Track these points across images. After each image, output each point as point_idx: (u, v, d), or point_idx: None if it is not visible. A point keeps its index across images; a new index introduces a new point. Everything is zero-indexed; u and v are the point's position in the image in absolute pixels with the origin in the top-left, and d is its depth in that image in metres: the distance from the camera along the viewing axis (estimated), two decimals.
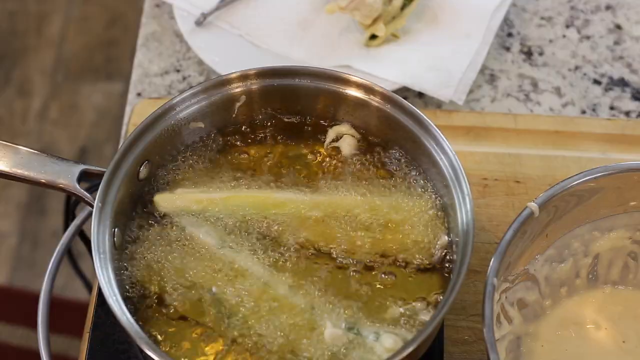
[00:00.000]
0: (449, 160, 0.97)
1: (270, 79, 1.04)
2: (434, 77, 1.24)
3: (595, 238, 1.01)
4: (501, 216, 1.12)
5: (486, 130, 1.19)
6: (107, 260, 0.93)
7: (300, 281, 0.95)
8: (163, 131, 1.01)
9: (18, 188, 2.30)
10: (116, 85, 2.47)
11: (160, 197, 1.01)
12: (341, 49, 1.30)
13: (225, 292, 0.95)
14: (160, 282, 0.96)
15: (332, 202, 1.00)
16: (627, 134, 1.19)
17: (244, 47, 1.30)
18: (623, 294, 1.04)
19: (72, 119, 2.43)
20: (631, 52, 1.32)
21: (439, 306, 0.89)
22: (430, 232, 0.98)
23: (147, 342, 0.88)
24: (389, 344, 0.91)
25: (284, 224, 0.99)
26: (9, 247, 2.24)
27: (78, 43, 2.55)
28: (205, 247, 0.98)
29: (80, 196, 0.97)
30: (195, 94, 1.02)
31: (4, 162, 0.98)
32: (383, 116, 1.02)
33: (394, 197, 1.00)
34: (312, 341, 0.92)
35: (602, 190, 0.98)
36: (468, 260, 0.90)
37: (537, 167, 1.16)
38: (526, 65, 1.31)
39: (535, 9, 1.36)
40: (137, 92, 1.31)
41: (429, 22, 1.31)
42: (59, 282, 1.29)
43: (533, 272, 1.00)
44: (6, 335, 2.09)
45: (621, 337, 1.01)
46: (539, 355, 0.99)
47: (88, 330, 1.04)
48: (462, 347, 1.04)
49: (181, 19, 1.32)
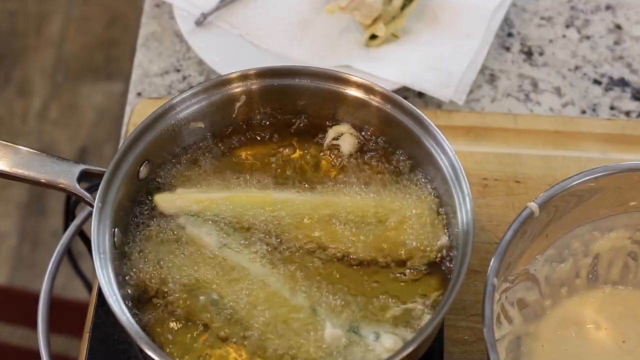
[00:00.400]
0: (449, 160, 0.97)
1: (270, 79, 1.04)
2: (434, 77, 1.24)
3: (595, 238, 1.01)
4: (501, 216, 1.12)
5: (486, 130, 1.19)
6: (107, 260, 0.93)
7: (300, 281, 0.95)
8: (163, 131, 1.01)
9: (18, 188, 2.30)
10: (116, 85, 2.47)
11: (160, 197, 1.01)
12: (341, 49, 1.30)
13: (225, 292, 0.95)
14: (160, 282, 0.96)
15: (332, 202, 1.00)
16: (627, 134, 1.19)
17: (244, 47, 1.30)
18: (623, 294, 1.04)
19: (72, 119, 2.43)
20: (631, 52, 1.32)
21: (439, 306, 0.89)
22: (430, 232, 0.98)
23: (147, 342, 0.88)
24: (388, 344, 0.91)
25: (284, 223, 0.99)
26: (9, 247, 2.24)
27: (78, 43, 2.55)
28: (205, 247, 0.98)
29: (80, 196, 0.97)
30: (195, 94, 1.02)
31: (4, 162, 0.98)
32: (383, 116, 1.02)
33: (394, 197, 1.00)
34: (312, 341, 0.92)
35: (602, 190, 0.98)
36: (468, 260, 0.90)
37: (537, 167, 1.16)
38: (526, 65, 1.31)
39: (535, 9, 1.36)
40: (137, 92, 1.31)
41: (429, 22, 1.31)
42: (59, 282, 1.29)
43: (533, 272, 1.00)
44: (6, 335, 2.09)
45: (621, 337, 1.01)
46: (539, 355, 0.99)
47: (88, 330, 1.04)
48: (462, 347, 1.04)
49: (181, 19, 1.32)
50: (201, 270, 0.96)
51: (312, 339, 0.92)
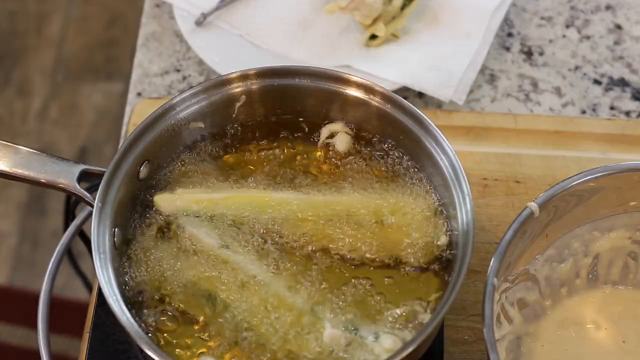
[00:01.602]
0: (449, 160, 0.97)
1: (270, 79, 1.04)
2: (434, 77, 1.24)
3: (595, 238, 1.01)
4: (501, 216, 1.12)
5: (486, 130, 1.19)
6: (107, 260, 0.93)
7: (300, 281, 0.95)
8: (163, 131, 1.01)
9: (18, 188, 2.30)
10: (116, 85, 2.47)
11: (159, 197, 1.01)
12: (341, 49, 1.30)
13: (225, 292, 0.95)
14: (160, 281, 0.96)
15: (332, 202, 1.00)
16: (627, 134, 1.19)
17: (244, 47, 1.30)
18: (623, 294, 1.04)
19: (72, 119, 2.43)
20: (631, 52, 1.32)
21: (439, 306, 0.89)
22: (430, 232, 0.98)
23: (147, 342, 0.88)
24: (388, 344, 0.91)
25: (283, 223, 0.99)
26: (9, 247, 2.24)
27: (78, 43, 2.55)
28: (205, 247, 0.98)
29: (80, 196, 0.97)
30: (195, 94, 1.02)
31: (4, 162, 0.98)
32: (383, 116, 1.02)
33: (394, 197, 1.00)
34: (311, 342, 0.92)
35: (602, 190, 0.98)
36: (468, 260, 0.90)
37: (537, 167, 1.16)
38: (526, 65, 1.31)
39: (535, 9, 1.36)
40: (137, 92, 1.31)
41: (429, 22, 1.31)
42: (59, 282, 1.29)
43: (533, 272, 1.00)
44: (6, 335, 2.09)
45: (621, 337, 1.01)
46: (539, 355, 0.99)
47: (88, 330, 1.04)
48: (462, 347, 1.04)
49: (181, 19, 1.32)
50: (200, 270, 0.96)
51: (312, 339, 0.92)
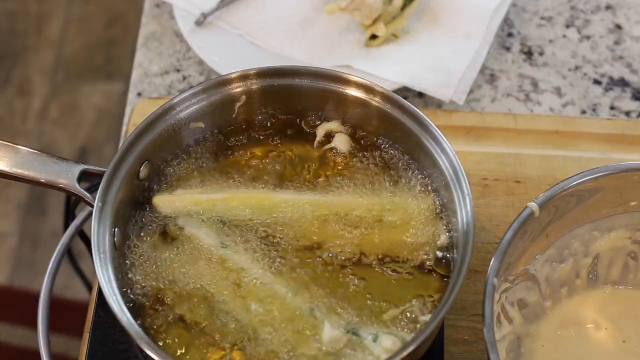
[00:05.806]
0: (449, 160, 0.97)
1: (270, 79, 1.04)
2: (434, 77, 1.24)
3: (595, 238, 1.01)
4: (501, 216, 1.12)
5: (486, 130, 1.19)
6: (107, 260, 0.93)
7: (299, 281, 0.95)
8: (163, 131, 1.01)
9: (18, 188, 2.30)
10: (116, 85, 2.47)
11: (159, 198, 1.01)
12: (341, 49, 1.30)
13: (224, 293, 0.95)
14: (159, 282, 0.96)
15: (332, 202, 1.00)
16: (627, 134, 1.19)
17: (244, 47, 1.30)
18: (623, 294, 1.04)
19: (72, 119, 2.43)
20: (631, 52, 1.32)
21: (439, 306, 0.89)
22: (430, 232, 0.98)
23: (147, 342, 0.88)
24: (387, 344, 0.91)
25: (283, 224, 0.99)
26: (9, 247, 2.24)
27: (78, 43, 2.55)
28: (204, 247, 0.98)
29: (80, 196, 0.97)
30: (195, 94, 1.02)
31: (4, 162, 0.98)
32: (383, 116, 1.02)
33: (394, 197, 1.00)
34: (311, 342, 0.92)
35: (602, 190, 0.98)
36: (468, 260, 0.90)
37: (537, 167, 1.16)
38: (526, 65, 1.31)
39: (535, 9, 1.36)
40: (137, 92, 1.31)
41: (429, 22, 1.31)
42: (59, 282, 1.29)
43: (533, 272, 1.00)
44: (6, 335, 2.09)
45: (621, 337, 1.01)
46: (540, 355, 0.99)
47: (88, 330, 1.04)
48: (462, 347, 1.04)
49: (181, 18, 1.32)
50: (200, 270, 0.96)
51: (311, 339, 0.92)
